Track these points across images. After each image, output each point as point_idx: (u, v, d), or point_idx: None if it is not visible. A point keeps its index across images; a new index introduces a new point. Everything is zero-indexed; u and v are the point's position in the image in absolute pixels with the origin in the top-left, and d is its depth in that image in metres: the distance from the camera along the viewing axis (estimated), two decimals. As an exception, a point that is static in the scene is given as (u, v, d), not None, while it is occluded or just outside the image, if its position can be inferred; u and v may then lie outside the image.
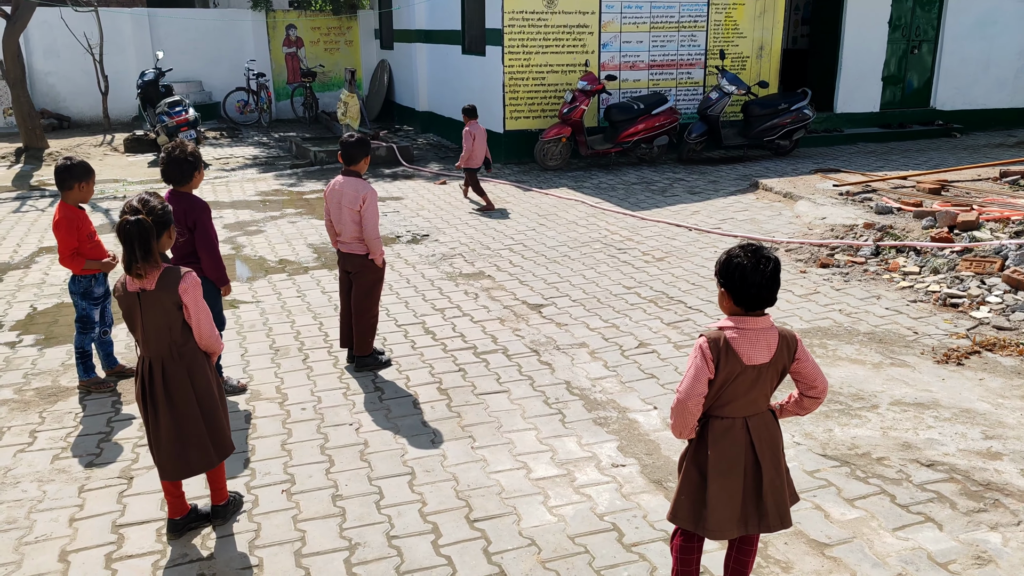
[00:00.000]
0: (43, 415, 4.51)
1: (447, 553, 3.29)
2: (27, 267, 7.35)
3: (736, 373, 2.58)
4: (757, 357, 2.58)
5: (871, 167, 11.31)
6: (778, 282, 2.60)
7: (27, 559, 3.27)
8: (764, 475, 2.66)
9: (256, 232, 8.56)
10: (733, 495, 2.67)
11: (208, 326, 3.24)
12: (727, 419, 2.64)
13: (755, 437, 2.65)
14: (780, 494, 2.70)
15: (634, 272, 7.01)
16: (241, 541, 3.38)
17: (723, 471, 2.65)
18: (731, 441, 2.64)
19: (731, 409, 2.64)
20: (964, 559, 3.19)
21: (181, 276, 3.15)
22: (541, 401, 4.63)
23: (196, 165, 4.40)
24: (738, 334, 2.59)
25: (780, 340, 2.62)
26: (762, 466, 2.65)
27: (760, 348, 2.59)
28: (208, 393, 3.30)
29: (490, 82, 12.20)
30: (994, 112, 15.19)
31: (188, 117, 12.29)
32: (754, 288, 2.57)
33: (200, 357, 3.29)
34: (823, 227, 8.14)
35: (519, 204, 9.75)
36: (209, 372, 3.33)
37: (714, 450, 2.65)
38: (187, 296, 3.14)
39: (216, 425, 3.34)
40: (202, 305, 3.21)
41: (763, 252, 2.59)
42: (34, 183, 11.19)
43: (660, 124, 11.70)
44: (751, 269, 2.56)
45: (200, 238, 4.40)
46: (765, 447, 2.66)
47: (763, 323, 2.61)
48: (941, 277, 6.42)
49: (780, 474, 2.70)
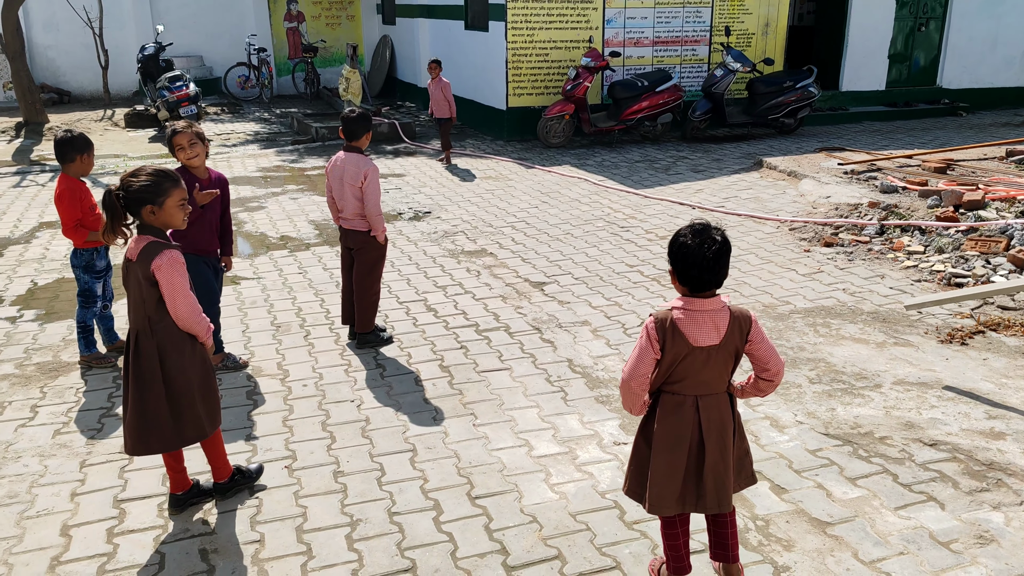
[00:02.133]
0: (44, 390, 4.51)
1: (448, 530, 3.29)
2: (27, 242, 7.32)
3: (683, 354, 2.57)
4: (704, 339, 2.56)
5: (876, 146, 11.23)
6: (723, 264, 2.54)
7: (29, 533, 3.27)
8: (707, 456, 2.65)
9: (257, 208, 8.52)
10: (675, 472, 2.67)
11: (185, 307, 3.10)
12: (678, 396, 2.65)
13: (703, 417, 2.64)
14: (722, 477, 2.67)
15: (637, 250, 6.98)
16: (243, 516, 3.38)
17: (668, 446, 2.67)
18: (679, 418, 2.65)
19: (682, 387, 2.64)
20: (966, 538, 3.19)
21: (158, 252, 3.04)
22: (543, 379, 4.62)
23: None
24: (685, 315, 2.57)
25: (732, 321, 2.58)
26: (706, 447, 2.64)
27: (707, 330, 2.56)
28: (181, 375, 3.16)
29: (493, 58, 12.09)
30: (1001, 91, 15.06)
31: (189, 92, 12.20)
32: (695, 270, 2.53)
33: (177, 337, 3.15)
34: (827, 206, 8.09)
35: (522, 181, 9.70)
36: (188, 354, 3.19)
37: (661, 425, 2.67)
38: (160, 273, 3.03)
39: (183, 410, 3.19)
40: (178, 284, 3.07)
41: (709, 233, 2.54)
42: (34, 158, 11.13)
43: (664, 101, 11.60)
44: (694, 250, 2.52)
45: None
46: (713, 428, 2.64)
47: (711, 304, 2.57)
48: (946, 257, 6.39)
49: (725, 457, 2.67)
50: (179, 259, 3.10)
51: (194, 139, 4.39)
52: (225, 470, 3.49)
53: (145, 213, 3.08)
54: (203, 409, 3.27)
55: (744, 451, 2.81)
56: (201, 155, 4.46)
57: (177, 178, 3.17)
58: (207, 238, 4.58)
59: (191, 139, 4.38)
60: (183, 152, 4.39)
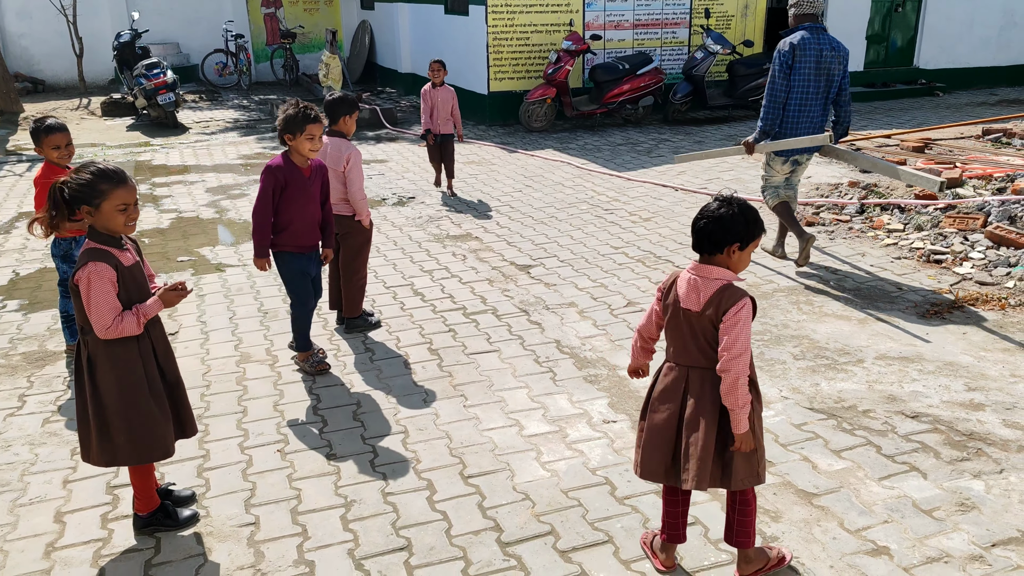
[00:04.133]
0: (31, 379, 4.49)
1: (442, 508, 3.33)
2: (7, 232, 7.25)
3: (671, 311, 2.72)
4: (687, 301, 2.67)
5: (855, 126, 11.32)
6: (710, 236, 2.62)
7: (23, 520, 3.28)
8: (684, 430, 2.70)
9: (240, 196, 8.48)
10: (660, 440, 2.74)
11: (99, 323, 2.83)
12: (670, 363, 2.77)
13: (690, 390, 2.70)
14: (700, 455, 2.65)
15: (621, 232, 7.02)
16: (236, 500, 3.40)
17: (655, 412, 2.77)
18: (668, 386, 2.75)
19: (675, 355, 2.75)
20: (948, 506, 3.27)
21: (83, 264, 2.84)
22: (532, 360, 4.66)
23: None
24: (686, 275, 2.70)
25: (715, 294, 2.61)
26: (685, 421, 2.70)
27: (692, 293, 2.66)
28: (109, 393, 2.94)
29: (474, 43, 12.05)
30: (977, 71, 15.21)
31: (166, 79, 12.07)
32: (692, 234, 2.68)
33: (103, 352, 2.91)
34: (808, 186, 8.17)
35: (505, 166, 9.70)
36: (119, 373, 2.94)
37: (654, 392, 2.80)
38: (80, 285, 2.83)
39: (106, 430, 2.97)
40: (92, 298, 2.81)
41: (709, 207, 2.66)
42: (10, 148, 10.99)
43: (645, 84, 11.63)
44: (697, 217, 2.68)
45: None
46: (695, 404, 2.68)
47: (708, 272, 2.64)
48: (925, 234, 6.48)
49: (707, 437, 2.65)
50: (103, 273, 2.83)
51: (322, 132, 4.18)
52: (140, 502, 3.20)
53: (83, 214, 2.87)
54: (125, 434, 2.98)
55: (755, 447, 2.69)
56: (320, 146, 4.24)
57: (119, 179, 2.87)
58: (308, 233, 4.40)
59: (322, 131, 4.18)
60: (311, 142, 4.17)
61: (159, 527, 3.20)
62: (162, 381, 3.09)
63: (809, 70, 5.71)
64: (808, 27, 5.78)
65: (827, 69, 5.74)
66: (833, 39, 5.81)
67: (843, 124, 5.96)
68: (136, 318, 2.91)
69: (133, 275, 2.97)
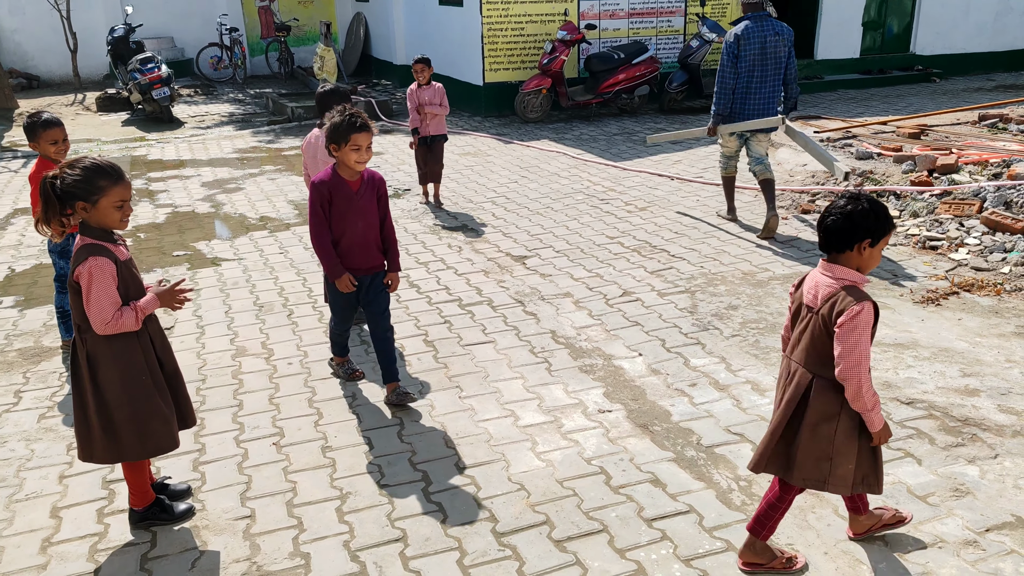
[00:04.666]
0: (27, 375, 4.49)
1: (437, 500, 3.33)
2: (3, 228, 7.24)
3: (797, 303, 2.76)
4: (808, 297, 2.69)
5: (851, 113, 11.30)
6: (838, 233, 2.59)
7: (19, 516, 3.28)
8: (775, 425, 2.75)
9: (235, 190, 8.47)
10: (773, 432, 2.78)
11: (99, 318, 2.82)
12: (786, 358, 2.82)
13: (789, 385, 2.73)
14: (766, 442, 2.77)
15: (617, 222, 7.01)
16: (232, 493, 3.40)
17: (775, 406, 2.83)
18: (782, 379, 2.81)
19: (791, 351, 2.77)
20: (943, 491, 3.27)
21: (83, 259, 2.82)
22: (527, 350, 4.66)
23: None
24: (815, 272, 2.72)
25: (832, 294, 2.58)
26: (777, 414, 2.76)
27: (814, 290, 2.67)
28: (112, 389, 2.93)
29: (468, 33, 12.01)
30: (974, 56, 15.17)
31: (161, 74, 12.03)
32: (820, 233, 2.67)
33: (104, 348, 2.90)
34: (804, 174, 8.16)
35: (500, 157, 9.69)
36: (122, 368, 2.93)
37: (777, 384, 2.86)
38: (82, 280, 2.82)
39: (112, 427, 2.96)
40: (93, 293, 2.80)
41: (837, 204, 2.63)
42: (5, 144, 10.96)
43: (641, 74, 11.60)
44: (823, 215, 2.66)
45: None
46: (784, 393, 2.74)
47: (830, 270, 2.64)
48: (921, 220, 6.47)
49: (775, 424, 2.75)
50: (105, 267, 2.82)
51: (371, 141, 3.77)
52: (136, 497, 3.19)
53: (78, 210, 2.84)
54: (134, 429, 2.98)
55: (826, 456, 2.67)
56: (370, 157, 3.82)
57: (117, 175, 2.86)
58: (361, 254, 3.92)
59: (370, 141, 3.75)
60: (357, 153, 3.72)
61: (155, 521, 3.21)
62: (161, 373, 3.09)
63: (754, 56, 6.28)
64: (752, 16, 6.31)
65: (774, 53, 6.29)
66: (777, 24, 6.31)
67: (791, 99, 6.57)
68: (135, 314, 2.90)
69: (129, 269, 2.97)
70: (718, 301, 5.25)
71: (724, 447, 3.64)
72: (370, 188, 3.89)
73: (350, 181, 3.83)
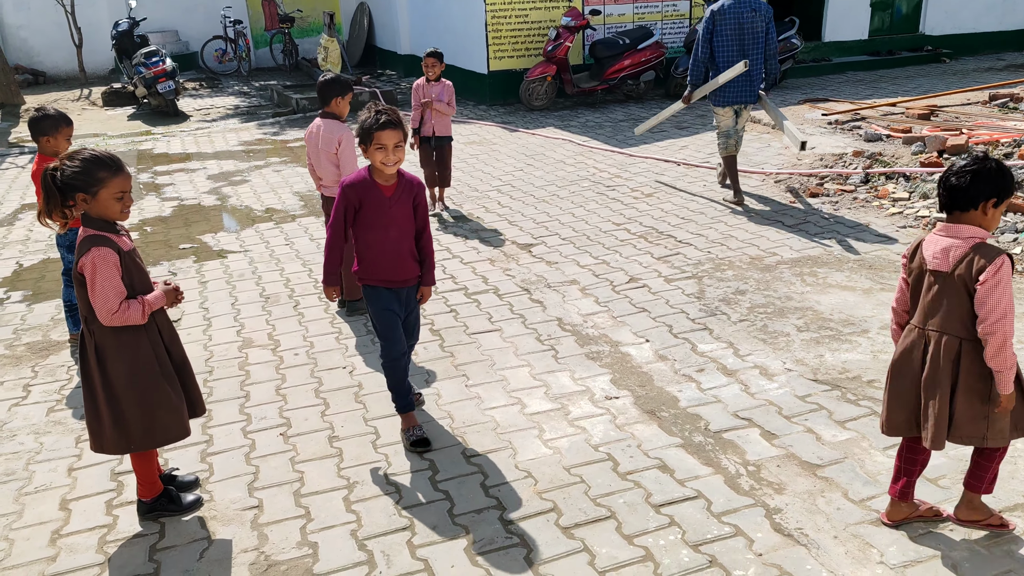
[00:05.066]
0: (35, 369, 4.51)
1: (445, 488, 3.32)
2: (10, 224, 7.26)
3: (916, 274, 2.73)
4: (936, 262, 2.66)
5: (860, 95, 11.20)
6: (965, 191, 2.59)
7: (28, 509, 3.30)
8: (923, 391, 2.74)
9: (241, 182, 8.46)
10: (906, 400, 2.79)
11: (104, 309, 2.81)
12: (911, 325, 2.78)
13: (929, 352, 2.71)
14: (938, 422, 2.71)
15: (623, 208, 6.98)
16: (240, 484, 3.40)
17: (896, 373, 2.82)
18: (907, 347, 2.78)
19: (917, 317, 2.75)
20: (953, 474, 3.24)
21: (87, 249, 2.81)
22: (533, 338, 4.65)
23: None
24: (933, 236, 2.69)
25: (968, 252, 2.59)
26: (923, 382, 2.74)
27: (941, 253, 2.65)
28: (120, 380, 2.92)
29: (472, 21, 11.95)
30: (983, 36, 15.00)
31: (166, 67, 12.04)
32: (942, 193, 2.65)
33: (112, 339, 2.90)
34: (812, 157, 8.09)
35: (506, 145, 9.65)
36: (130, 359, 2.93)
37: (897, 353, 2.83)
38: (85, 271, 2.81)
39: (121, 417, 2.96)
40: (98, 284, 2.80)
41: (959, 164, 2.63)
42: (12, 140, 10.99)
43: (646, 59, 11.52)
44: (946, 175, 2.65)
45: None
46: (934, 366, 2.70)
47: (958, 231, 2.63)
48: (931, 202, 6.41)
49: (940, 401, 2.70)
50: (108, 258, 2.81)
51: (401, 140, 3.39)
52: (144, 488, 3.19)
53: (79, 201, 2.84)
54: (143, 419, 2.99)
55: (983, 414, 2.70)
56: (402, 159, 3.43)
57: (116, 166, 2.85)
58: (391, 266, 3.53)
59: (399, 139, 3.38)
60: (383, 153, 3.37)
61: (163, 512, 3.21)
62: (170, 362, 3.10)
63: (730, 33, 6.61)
64: None
65: (751, 29, 6.59)
66: (755, 1, 6.57)
67: (771, 75, 6.89)
68: (142, 308, 2.90)
69: (133, 260, 2.97)
70: (725, 286, 5.22)
71: (732, 432, 3.62)
72: (406, 194, 3.50)
73: (383, 185, 3.45)
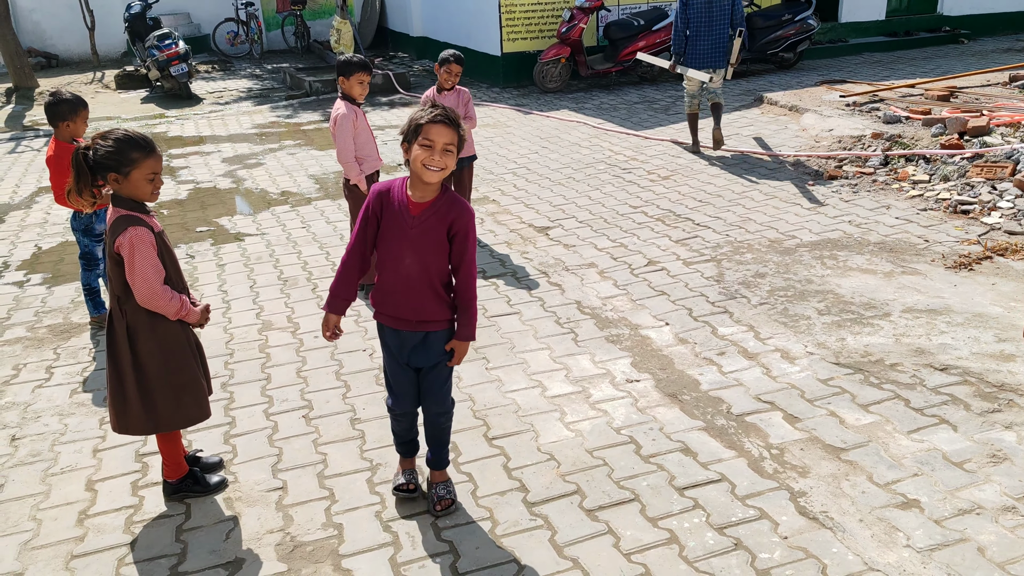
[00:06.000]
0: (57, 351, 4.53)
1: (467, 470, 3.33)
2: (28, 207, 7.29)
3: None
4: None
5: (878, 77, 11.08)
6: None
7: (55, 489, 3.32)
8: None
9: (256, 165, 8.46)
10: None
11: (145, 287, 2.83)
12: None
13: None
14: None
15: (640, 191, 6.94)
16: (264, 465, 3.42)
17: None
18: None
19: None
20: (979, 457, 3.23)
21: (123, 229, 2.81)
22: (552, 321, 4.64)
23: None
24: None
25: None
26: None
27: None
28: (152, 361, 2.95)
29: (486, 3, 11.85)
30: (1002, 16, 14.78)
31: (179, 50, 12.01)
32: None
33: (144, 319, 2.92)
34: (830, 139, 8.02)
35: (520, 128, 9.60)
36: (161, 339, 2.95)
37: None
38: (123, 251, 2.82)
39: (150, 398, 2.98)
40: (138, 264, 2.81)
41: None
42: (27, 123, 11.02)
43: (661, 41, 11.40)
44: None
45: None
46: None
47: None
48: (951, 184, 6.35)
49: None
50: (145, 237, 2.83)
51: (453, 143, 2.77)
52: (171, 469, 3.22)
53: (110, 181, 2.84)
54: (171, 399, 3.02)
55: None
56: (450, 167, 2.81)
57: (149, 147, 2.84)
58: (404, 301, 2.87)
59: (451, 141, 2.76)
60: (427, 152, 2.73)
61: (188, 493, 3.23)
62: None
63: (700, 7, 7.59)
64: None
65: (719, 4, 7.56)
66: None
67: (737, 26, 7.70)
68: (180, 306, 2.94)
69: (164, 241, 2.99)
70: (745, 269, 5.19)
71: (755, 415, 3.61)
72: (439, 218, 2.79)
73: (412, 200, 2.81)
